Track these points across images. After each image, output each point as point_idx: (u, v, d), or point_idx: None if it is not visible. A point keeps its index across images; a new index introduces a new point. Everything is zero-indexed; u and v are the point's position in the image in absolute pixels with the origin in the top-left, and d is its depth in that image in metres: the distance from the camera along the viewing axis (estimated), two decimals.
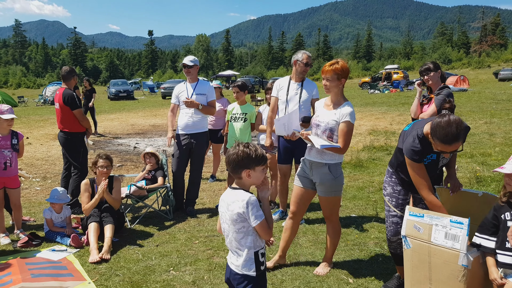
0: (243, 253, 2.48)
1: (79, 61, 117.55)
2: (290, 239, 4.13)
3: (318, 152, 3.77)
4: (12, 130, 4.99)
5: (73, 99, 5.94)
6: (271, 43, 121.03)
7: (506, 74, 38.60)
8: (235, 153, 2.46)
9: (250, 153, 2.44)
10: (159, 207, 6.00)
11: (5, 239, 4.88)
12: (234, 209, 2.44)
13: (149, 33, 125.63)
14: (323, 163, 3.77)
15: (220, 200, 2.61)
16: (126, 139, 13.58)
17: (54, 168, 9.09)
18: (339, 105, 3.76)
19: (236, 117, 6.14)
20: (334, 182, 3.80)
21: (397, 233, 3.42)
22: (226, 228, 2.54)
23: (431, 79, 4.95)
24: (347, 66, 3.77)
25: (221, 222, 2.60)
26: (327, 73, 3.71)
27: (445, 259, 2.76)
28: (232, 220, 2.47)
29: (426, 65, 5.05)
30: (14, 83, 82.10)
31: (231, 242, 2.54)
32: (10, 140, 4.90)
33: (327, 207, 3.93)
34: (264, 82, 45.68)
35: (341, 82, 3.73)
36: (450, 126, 2.78)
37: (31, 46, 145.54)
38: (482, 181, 6.84)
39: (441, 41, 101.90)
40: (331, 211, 3.94)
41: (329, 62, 3.79)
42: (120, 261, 4.34)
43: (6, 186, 4.93)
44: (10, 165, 4.89)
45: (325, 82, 3.74)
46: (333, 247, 4.04)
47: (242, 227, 2.46)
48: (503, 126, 12.57)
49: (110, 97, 36.48)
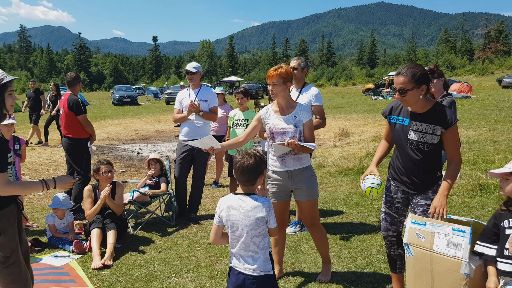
0: (259, 255, 2.60)
1: (83, 67, 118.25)
2: (282, 250, 4.07)
3: (295, 160, 3.73)
4: (13, 136, 5.02)
5: (78, 104, 5.99)
6: (275, 49, 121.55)
7: (509, 81, 38.42)
8: (248, 162, 2.55)
9: (262, 159, 2.60)
10: (161, 213, 6.01)
11: None
12: (256, 214, 2.54)
13: (153, 39, 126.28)
14: (304, 168, 3.76)
15: (228, 208, 2.62)
16: (129, 144, 13.61)
17: (57, 174, 9.11)
18: (293, 107, 3.76)
19: (238, 123, 6.16)
20: (316, 182, 3.85)
21: (386, 229, 3.45)
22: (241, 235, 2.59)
23: (434, 86, 4.91)
24: (291, 71, 3.76)
25: (232, 230, 2.63)
26: (273, 78, 3.66)
27: (447, 267, 2.75)
28: (253, 225, 2.55)
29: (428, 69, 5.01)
30: (19, 88, 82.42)
31: (247, 247, 2.59)
32: (12, 146, 4.94)
33: (310, 212, 3.85)
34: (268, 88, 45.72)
35: (287, 86, 3.71)
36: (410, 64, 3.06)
37: (36, 52, 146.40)
38: (486, 188, 6.81)
39: (445, 48, 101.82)
40: (315, 215, 3.88)
41: (273, 67, 3.73)
42: (122, 267, 4.35)
43: None
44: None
45: (271, 88, 3.70)
46: (326, 249, 4.01)
47: (262, 230, 2.58)
48: (506, 133, 12.52)
49: (114, 103, 36.61)
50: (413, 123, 3.11)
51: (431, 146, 3.09)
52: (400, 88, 3.00)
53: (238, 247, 2.62)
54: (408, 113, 3.16)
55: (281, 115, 3.76)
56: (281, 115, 3.77)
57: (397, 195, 3.37)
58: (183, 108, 5.90)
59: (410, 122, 3.13)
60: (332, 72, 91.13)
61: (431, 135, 3.05)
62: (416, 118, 3.11)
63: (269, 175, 3.87)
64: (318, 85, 51.98)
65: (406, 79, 2.97)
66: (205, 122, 5.89)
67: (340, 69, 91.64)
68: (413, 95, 3.00)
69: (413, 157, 3.17)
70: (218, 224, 2.69)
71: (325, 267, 4.05)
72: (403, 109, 3.22)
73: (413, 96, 3.00)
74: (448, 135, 3.03)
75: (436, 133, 3.03)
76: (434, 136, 3.05)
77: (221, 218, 2.66)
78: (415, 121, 3.11)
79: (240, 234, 2.59)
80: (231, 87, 57.66)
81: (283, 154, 3.73)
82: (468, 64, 79.78)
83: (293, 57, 5.75)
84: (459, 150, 3.11)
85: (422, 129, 3.07)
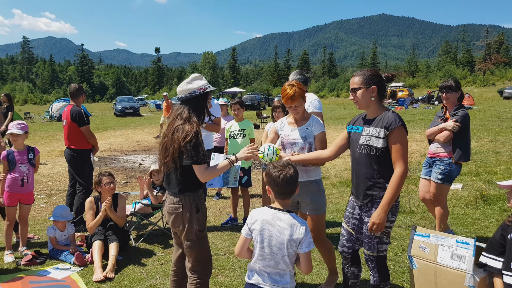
0: (287, 272, 2.55)
1: (86, 78, 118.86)
2: None
3: (304, 171, 3.72)
4: (28, 146, 5.09)
5: (81, 116, 6.02)
6: (276, 60, 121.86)
7: (510, 92, 38.48)
8: (291, 171, 2.55)
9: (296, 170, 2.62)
10: (163, 225, 5.99)
11: (9, 257, 4.88)
12: (293, 234, 2.47)
13: (156, 50, 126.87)
14: (311, 181, 3.76)
15: (262, 222, 2.56)
16: (131, 155, 13.62)
17: (59, 185, 9.12)
18: (307, 119, 3.78)
19: (235, 133, 6.21)
20: (323, 196, 3.82)
21: (341, 245, 3.38)
22: (269, 252, 2.52)
23: (450, 98, 4.90)
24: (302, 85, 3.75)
25: (261, 245, 2.55)
26: (295, 101, 3.62)
27: (451, 279, 2.74)
28: (287, 243, 2.48)
29: (448, 82, 4.94)
30: (21, 99, 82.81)
31: (276, 265, 2.52)
32: (26, 155, 4.99)
33: (316, 227, 3.78)
34: (270, 99, 45.94)
35: (305, 101, 3.74)
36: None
37: (39, 63, 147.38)
38: (488, 199, 6.79)
39: (446, 59, 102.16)
40: (320, 230, 3.83)
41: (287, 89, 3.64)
42: (124, 280, 4.32)
43: (21, 202, 5.00)
44: (27, 181, 4.98)
45: (295, 111, 3.69)
46: (332, 261, 3.99)
47: (293, 251, 2.51)
48: (508, 144, 12.51)
49: (116, 114, 36.73)
50: (365, 128, 3.16)
51: (377, 151, 3.03)
52: (352, 88, 3.15)
53: (266, 264, 2.54)
54: (363, 121, 3.23)
55: (294, 127, 3.80)
56: (294, 126, 3.81)
57: (354, 211, 3.29)
58: None
59: (363, 129, 3.18)
60: (334, 83, 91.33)
61: (376, 138, 3.03)
62: (367, 123, 3.18)
63: None
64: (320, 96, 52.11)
65: (359, 80, 3.12)
66: (208, 134, 5.90)
67: (342, 80, 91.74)
68: (363, 95, 3.09)
69: (361, 162, 3.14)
70: (247, 236, 2.62)
71: (331, 277, 4.03)
72: (359, 119, 3.29)
73: (363, 96, 3.09)
74: (391, 138, 2.98)
75: (381, 136, 3.01)
76: (379, 139, 3.01)
77: (251, 231, 2.59)
78: (366, 126, 3.16)
79: (271, 252, 2.52)
80: (233, 98, 57.90)
81: None
82: (469, 75, 79.88)
83: (295, 69, 5.77)
84: (405, 158, 2.97)
85: (370, 132, 3.10)
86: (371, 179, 3.08)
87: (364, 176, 3.11)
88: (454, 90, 4.89)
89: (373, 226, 2.96)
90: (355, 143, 3.21)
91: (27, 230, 5.23)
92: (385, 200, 2.95)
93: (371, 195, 3.09)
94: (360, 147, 3.13)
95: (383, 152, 3.01)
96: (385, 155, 3.02)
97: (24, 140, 5.06)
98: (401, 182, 2.95)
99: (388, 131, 2.97)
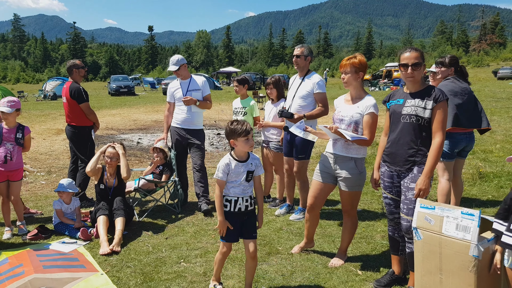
0: None
1: (78, 56, 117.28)
2: (312, 228, 4.22)
3: (344, 146, 3.82)
4: (19, 124, 4.97)
5: (80, 93, 5.97)
6: (271, 40, 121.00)
7: (505, 72, 38.59)
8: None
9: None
10: (166, 201, 6.03)
11: (7, 233, 4.90)
12: None
13: (149, 29, 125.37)
14: (349, 157, 3.82)
15: None
16: (128, 134, 13.61)
17: (58, 163, 9.12)
18: (360, 98, 3.81)
19: (237, 111, 6.21)
20: (359, 176, 3.85)
21: (391, 212, 3.55)
22: None
23: (441, 73, 4.91)
24: (365, 60, 3.83)
25: None
26: (345, 67, 3.77)
27: (456, 249, 2.81)
28: None
29: (442, 58, 5.02)
30: (13, 78, 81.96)
31: None
32: (14, 133, 4.89)
33: (348, 202, 3.95)
34: (265, 79, 45.78)
35: (359, 76, 3.77)
36: None
37: (30, 41, 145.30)
38: (485, 176, 6.91)
39: (441, 40, 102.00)
40: (352, 206, 3.98)
41: (347, 56, 3.84)
42: (130, 253, 4.39)
43: (9, 179, 4.94)
44: (10, 159, 4.84)
45: (343, 76, 3.80)
46: (349, 240, 4.10)
47: None
48: (503, 123, 12.65)
49: (110, 93, 36.49)
50: (408, 100, 3.34)
51: (423, 121, 3.24)
52: (414, 62, 3.23)
53: None
54: (404, 94, 3.40)
55: (348, 104, 3.86)
56: (348, 104, 3.87)
57: (393, 180, 3.46)
58: (176, 100, 5.92)
59: (405, 100, 3.36)
60: (329, 63, 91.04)
61: (422, 109, 3.24)
62: (411, 96, 3.34)
63: (322, 154, 4.08)
64: None
65: (418, 54, 3.27)
66: (199, 112, 5.90)
67: (337, 60, 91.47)
68: (420, 72, 3.27)
69: (405, 130, 3.32)
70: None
71: (339, 257, 4.11)
72: (398, 93, 3.48)
73: (420, 72, 3.27)
74: (436, 110, 3.20)
75: (428, 107, 3.22)
76: (425, 110, 3.23)
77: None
78: (410, 99, 3.33)
79: None
80: (228, 77, 57.58)
81: (336, 138, 3.83)
82: (464, 55, 79.89)
83: (290, 48, 5.79)
84: (444, 129, 3.20)
85: (416, 104, 3.28)
86: (414, 146, 3.30)
87: (407, 143, 3.32)
88: (446, 66, 4.89)
89: (419, 192, 3.18)
90: (396, 114, 3.39)
91: (21, 206, 5.15)
92: (428, 167, 3.19)
93: (413, 161, 3.31)
94: (404, 116, 3.32)
95: (428, 123, 3.24)
96: (429, 126, 3.25)
97: (15, 118, 4.91)
98: (441, 150, 3.20)
99: (436, 103, 3.19)
